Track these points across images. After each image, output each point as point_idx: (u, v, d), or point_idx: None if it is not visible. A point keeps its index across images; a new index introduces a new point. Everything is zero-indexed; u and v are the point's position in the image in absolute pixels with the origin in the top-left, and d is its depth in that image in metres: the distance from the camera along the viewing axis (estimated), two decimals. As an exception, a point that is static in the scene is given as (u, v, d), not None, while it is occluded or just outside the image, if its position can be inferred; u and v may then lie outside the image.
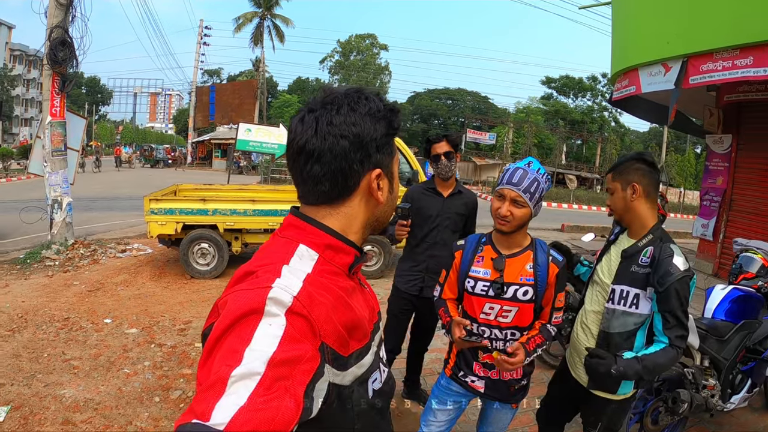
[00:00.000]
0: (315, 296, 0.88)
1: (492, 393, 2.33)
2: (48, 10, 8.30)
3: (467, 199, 3.59)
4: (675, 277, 2.11)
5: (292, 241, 0.98)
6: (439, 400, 2.46)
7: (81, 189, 15.42)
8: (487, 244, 2.29)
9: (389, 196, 1.08)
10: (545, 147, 50.32)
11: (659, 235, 2.25)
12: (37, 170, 9.15)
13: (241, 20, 45.03)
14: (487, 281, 2.22)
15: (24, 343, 4.83)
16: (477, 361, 2.31)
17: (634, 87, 7.01)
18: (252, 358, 0.73)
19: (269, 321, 0.79)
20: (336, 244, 1.00)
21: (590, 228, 14.50)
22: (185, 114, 59.14)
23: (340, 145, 0.95)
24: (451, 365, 2.43)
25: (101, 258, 8.44)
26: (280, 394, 0.73)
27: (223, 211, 7.42)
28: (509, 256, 2.22)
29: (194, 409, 0.70)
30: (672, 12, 6.11)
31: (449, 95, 66.48)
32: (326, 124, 0.96)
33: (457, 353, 2.40)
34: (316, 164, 0.97)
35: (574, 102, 60.69)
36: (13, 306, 5.90)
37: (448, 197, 3.51)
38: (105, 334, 5.17)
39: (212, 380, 0.72)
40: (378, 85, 59.08)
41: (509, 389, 2.32)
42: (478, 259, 2.27)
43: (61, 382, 4.10)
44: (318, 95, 1.03)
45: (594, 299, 2.44)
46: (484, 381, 2.31)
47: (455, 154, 3.46)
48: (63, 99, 8.70)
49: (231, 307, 0.81)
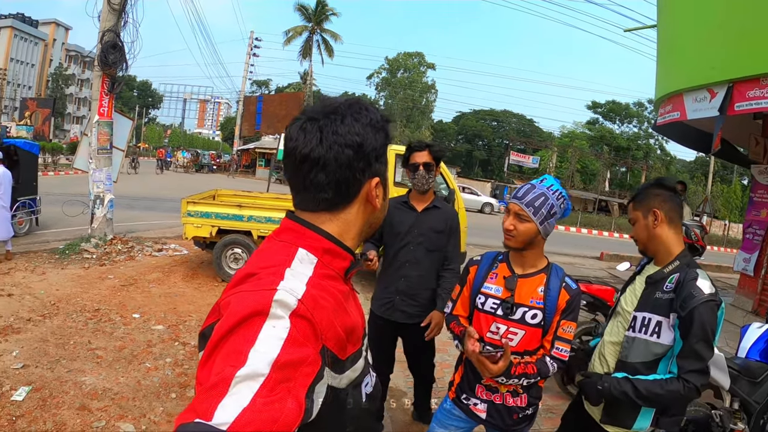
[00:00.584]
0: (318, 300, 0.88)
1: (494, 420, 2.22)
2: (101, 14, 8.68)
3: (446, 215, 3.26)
4: (698, 300, 1.94)
5: (291, 245, 0.98)
6: (441, 423, 2.38)
7: (124, 188, 15.91)
8: (503, 262, 2.24)
9: (383, 203, 1.10)
10: (589, 173, 49.49)
11: (686, 262, 2.13)
12: (82, 166, 9.49)
13: (290, 33, 46.10)
14: (497, 299, 2.17)
15: (53, 329, 4.98)
16: (480, 383, 2.22)
17: (679, 113, 6.83)
18: (256, 360, 0.74)
19: (273, 323, 0.79)
20: (334, 249, 1.01)
21: (630, 257, 14.14)
22: (232, 122, 60.49)
23: (345, 154, 0.97)
24: (455, 387, 2.36)
25: (137, 255, 8.67)
26: (283, 396, 0.73)
27: (258, 218, 7.52)
28: (522, 276, 2.16)
29: (196, 408, 0.69)
30: (717, 36, 5.96)
31: (494, 117, 66.28)
32: (331, 134, 0.97)
33: (462, 375, 2.33)
34: (321, 173, 0.97)
35: (620, 128, 59.67)
36: (47, 293, 6.10)
37: (422, 212, 3.21)
38: (132, 328, 5.29)
39: (215, 380, 0.72)
40: (424, 103, 59.17)
41: (512, 416, 2.20)
42: (492, 275, 2.23)
43: (83, 370, 4.21)
44: (316, 105, 1.04)
45: (614, 330, 2.30)
46: (486, 405, 2.22)
47: (436, 168, 3.17)
48: (111, 100, 9.03)
49: (235, 308, 0.82)
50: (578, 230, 27.46)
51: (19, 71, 60.58)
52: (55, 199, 11.69)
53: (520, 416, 2.21)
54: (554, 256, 14.08)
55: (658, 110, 7.94)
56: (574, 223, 28.93)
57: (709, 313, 1.94)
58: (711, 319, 1.94)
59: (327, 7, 46.77)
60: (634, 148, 55.20)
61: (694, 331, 1.94)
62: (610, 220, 31.10)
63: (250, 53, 45.22)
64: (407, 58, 59.60)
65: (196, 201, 7.51)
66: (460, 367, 2.35)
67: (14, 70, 58.63)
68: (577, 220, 29.44)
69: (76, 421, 3.44)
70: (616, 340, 2.25)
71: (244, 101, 44.62)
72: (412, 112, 57.23)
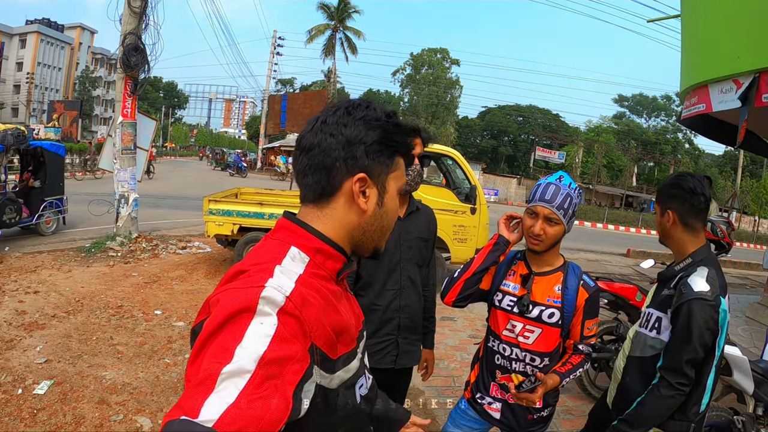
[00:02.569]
0: (306, 297, 0.88)
1: (508, 421, 2.18)
2: (122, 17, 8.85)
3: (428, 216, 2.64)
4: (685, 297, 1.88)
5: (283, 243, 0.99)
6: (455, 423, 2.34)
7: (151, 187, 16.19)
8: (521, 260, 2.20)
9: (377, 209, 1.05)
10: (615, 168, 48.77)
11: (699, 259, 2.06)
12: (106, 166, 9.71)
13: (313, 32, 46.30)
14: (514, 296, 2.13)
15: (77, 325, 5.10)
16: (494, 381, 2.19)
17: (704, 105, 6.65)
18: (242, 356, 0.74)
19: (261, 320, 0.79)
20: (325, 249, 1.01)
21: (657, 255, 13.87)
22: (257, 120, 60.99)
23: (327, 141, 0.99)
24: (470, 387, 2.32)
25: (161, 253, 8.81)
26: (270, 393, 0.73)
27: (278, 215, 7.54)
28: (538, 274, 2.13)
29: (182, 405, 0.70)
30: (742, 24, 5.78)
31: (520, 112, 65.63)
32: (321, 123, 1.01)
33: (477, 373, 2.29)
34: (305, 157, 1.01)
35: (647, 122, 58.67)
36: (72, 290, 6.25)
37: (405, 218, 2.50)
38: (153, 325, 5.37)
39: (202, 377, 0.72)
40: (449, 99, 58.88)
41: (527, 417, 2.17)
42: (511, 272, 2.19)
43: (104, 365, 4.30)
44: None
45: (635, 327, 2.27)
46: (500, 404, 2.18)
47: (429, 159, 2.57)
48: (134, 101, 9.18)
49: (223, 305, 0.82)
50: (605, 226, 27.12)
51: (47, 75, 61.95)
52: (82, 199, 11.96)
53: (536, 417, 2.17)
54: (580, 252, 13.92)
55: (684, 102, 7.75)
56: (600, 219, 28.56)
57: (696, 311, 1.86)
58: (699, 317, 1.85)
59: (349, 5, 46.79)
60: (662, 142, 54.19)
61: (677, 328, 1.90)
62: (637, 216, 30.59)
63: (274, 52, 45.52)
64: (431, 54, 59.37)
65: (217, 199, 7.61)
66: (476, 366, 2.32)
67: (41, 74, 60.11)
68: (603, 216, 29.02)
69: (95, 414, 3.51)
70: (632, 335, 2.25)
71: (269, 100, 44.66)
72: (437, 109, 56.96)
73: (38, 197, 9.43)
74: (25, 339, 4.65)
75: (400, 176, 1.09)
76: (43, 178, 9.62)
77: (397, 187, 1.09)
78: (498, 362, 2.16)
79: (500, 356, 2.15)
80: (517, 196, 41.42)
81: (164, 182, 22.90)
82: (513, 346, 2.12)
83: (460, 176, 8.33)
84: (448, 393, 4.18)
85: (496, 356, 2.16)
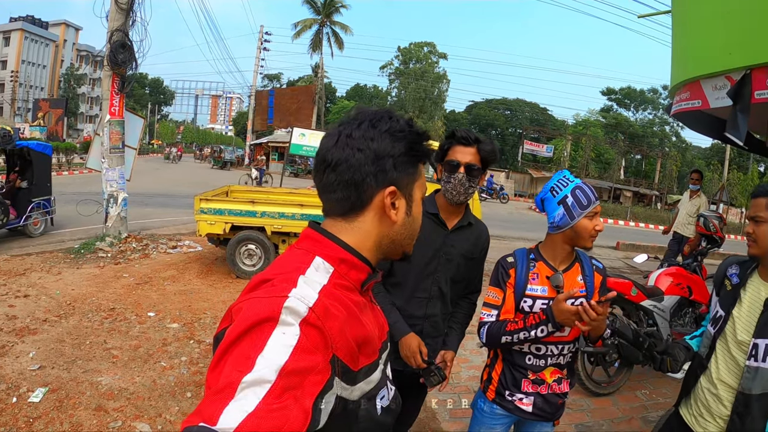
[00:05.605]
0: (330, 309, 0.88)
1: (540, 411, 2.22)
2: (109, 14, 8.73)
3: (480, 235, 2.43)
4: None
5: (308, 253, 0.99)
6: (483, 424, 2.34)
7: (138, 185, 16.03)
8: (539, 260, 2.21)
9: (406, 219, 1.07)
10: (603, 161, 49.07)
11: None
12: (95, 166, 9.59)
13: (300, 27, 46.16)
14: (545, 299, 2.14)
15: (69, 330, 5.03)
16: (526, 377, 2.21)
17: (700, 101, 6.66)
18: (263, 366, 0.74)
19: (283, 330, 0.79)
20: (350, 259, 1.01)
21: (646, 248, 14.01)
22: (245, 117, 60.68)
23: (355, 157, 0.98)
24: (494, 387, 2.30)
25: (152, 253, 8.72)
26: (290, 404, 0.73)
27: (271, 213, 7.53)
28: (564, 271, 2.17)
29: (202, 412, 0.70)
30: (734, 20, 5.79)
31: (507, 106, 65.71)
32: (346, 137, 1.00)
33: (500, 373, 2.28)
34: (332, 173, 1.00)
35: (635, 115, 59.00)
36: (63, 293, 6.16)
37: (453, 230, 2.33)
38: (147, 327, 5.31)
39: (222, 384, 0.73)
40: (436, 93, 58.88)
41: (556, 403, 2.25)
42: (533, 276, 2.19)
43: (99, 370, 4.24)
44: (351, 112, 1.07)
45: (726, 361, 1.98)
46: (532, 398, 2.22)
47: (482, 175, 2.30)
48: (122, 99, 9.08)
49: (246, 313, 0.82)
50: (593, 220, 27.25)
51: (31, 73, 61.37)
52: (70, 199, 11.83)
53: (562, 402, 2.28)
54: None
55: (674, 97, 7.77)
56: (588, 212, 28.71)
57: None
58: None
59: (336, 0, 46.72)
60: (649, 135, 54.55)
61: None
62: (624, 209, 30.83)
63: (261, 47, 45.36)
64: (418, 49, 59.31)
65: (209, 198, 7.54)
66: (497, 367, 2.31)
67: (26, 72, 59.55)
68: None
69: (93, 421, 3.46)
70: (734, 369, 1.94)
71: (256, 96, 44.96)
72: (425, 103, 56.94)
73: (26, 198, 9.29)
74: (17, 345, 4.58)
75: (423, 183, 1.11)
76: (30, 178, 9.48)
77: (421, 193, 1.10)
78: (530, 362, 2.19)
79: (532, 356, 2.19)
80: (506, 189, 41.55)
81: (151, 179, 22.64)
82: (549, 345, 2.17)
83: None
84: (448, 390, 4.17)
85: (527, 357, 2.19)
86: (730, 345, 1.94)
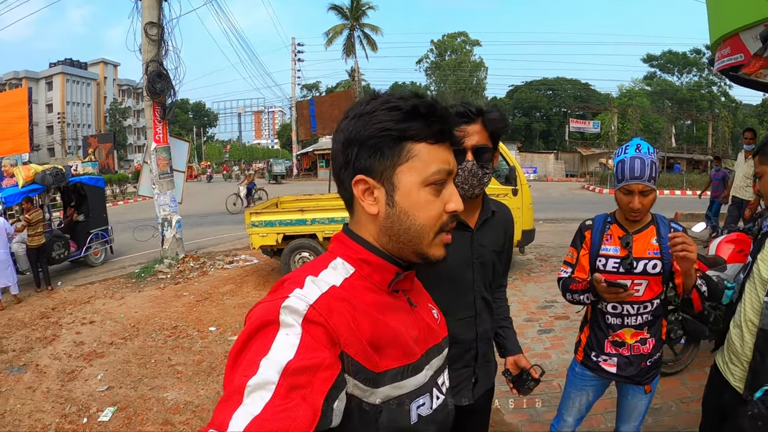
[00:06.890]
0: (333, 305, 0.86)
1: (624, 372, 2.30)
2: (142, 47, 9.06)
3: (505, 219, 2.01)
4: None
5: (332, 254, 1.00)
6: (576, 386, 2.49)
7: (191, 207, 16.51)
8: (613, 223, 2.33)
9: (389, 210, 0.94)
10: (653, 131, 47.20)
11: None
12: (146, 192, 9.93)
13: (331, 34, 46.47)
14: (617, 258, 2.26)
15: (134, 350, 5.19)
16: (608, 339, 2.32)
17: (742, 55, 6.33)
18: (266, 368, 0.74)
19: (286, 331, 0.79)
20: (371, 260, 0.97)
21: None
22: (288, 128, 61.47)
23: (334, 148, 0.98)
24: (582, 349, 2.45)
25: (210, 270, 8.94)
26: (297, 403, 0.73)
27: (321, 220, 7.58)
28: (635, 232, 2.26)
29: (214, 420, 0.71)
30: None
31: (548, 86, 64.20)
32: (336, 131, 0.99)
33: (588, 335, 2.41)
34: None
35: (680, 79, 56.63)
36: (127, 316, 6.38)
37: (477, 229, 1.87)
38: (209, 341, 5.43)
39: (230, 390, 0.74)
40: (475, 82, 58.25)
41: (641, 365, 2.29)
42: (607, 237, 2.32)
43: (164, 386, 4.35)
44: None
45: (751, 299, 1.98)
46: (615, 359, 2.32)
47: (495, 154, 1.86)
48: (165, 126, 9.37)
49: (250, 318, 0.84)
50: (649, 192, 26.32)
51: (77, 112, 63.95)
52: (127, 227, 12.30)
53: (648, 363, 2.30)
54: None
55: (716, 54, 7.41)
56: (643, 184, 27.76)
57: None
58: None
59: (362, 2, 46.78)
60: (698, 98, 52.23)
61: None
62: (680, 178, 29.59)
63: (295, 59, 46.06)
64: (452, 39, 58.82)
65: (258, 211, 7.66)
66: (586, 328, 2.45)
67: (72, 112, 62.13)
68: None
69: (161, 435, 3.55)
70: (758, 308, 1.93)
71: (297, 106, 45.11)
72: (465, 93, 56.31)
73: (84, 230, 9.71)
74: (85, 369, 4.76)
75: (420, 166, 0.93)
76: (86, 211, 9.90)
77: (414, 180, 0.93)
78: (609, 321, 2.29)
79: (610, 315, 2.28)
80: (556, 171, 40.60)
81: (201, 200, 23.23)
82: (624, 304, 2.24)
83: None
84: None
85: (606, 316, 2.29)
86: (757, 285, 1.97)
